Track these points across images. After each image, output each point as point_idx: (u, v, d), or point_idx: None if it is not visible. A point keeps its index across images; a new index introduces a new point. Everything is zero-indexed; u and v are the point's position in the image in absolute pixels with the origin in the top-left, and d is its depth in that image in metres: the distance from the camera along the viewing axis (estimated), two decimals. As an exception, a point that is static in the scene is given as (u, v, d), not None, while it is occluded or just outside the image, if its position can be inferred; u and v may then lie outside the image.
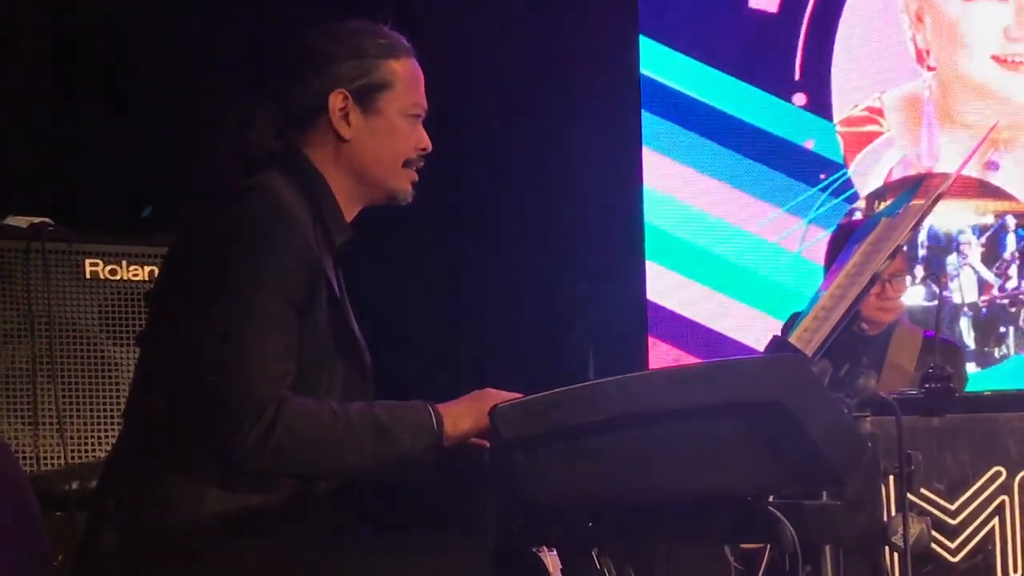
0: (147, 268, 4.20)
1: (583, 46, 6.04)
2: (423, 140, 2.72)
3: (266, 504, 2.49)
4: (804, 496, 2.51)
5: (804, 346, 2.57)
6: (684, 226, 6.13)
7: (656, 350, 6.06)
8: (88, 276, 4.14)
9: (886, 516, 2.85)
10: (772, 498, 2.48)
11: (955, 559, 3.29)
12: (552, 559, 2.95)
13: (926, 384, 3.26)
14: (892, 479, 2.95)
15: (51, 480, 3.88)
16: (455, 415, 2.54)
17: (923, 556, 3.03)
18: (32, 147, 5.23)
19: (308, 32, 2.70)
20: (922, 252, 6.16)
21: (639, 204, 6.10)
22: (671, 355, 6.05)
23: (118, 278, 4.17)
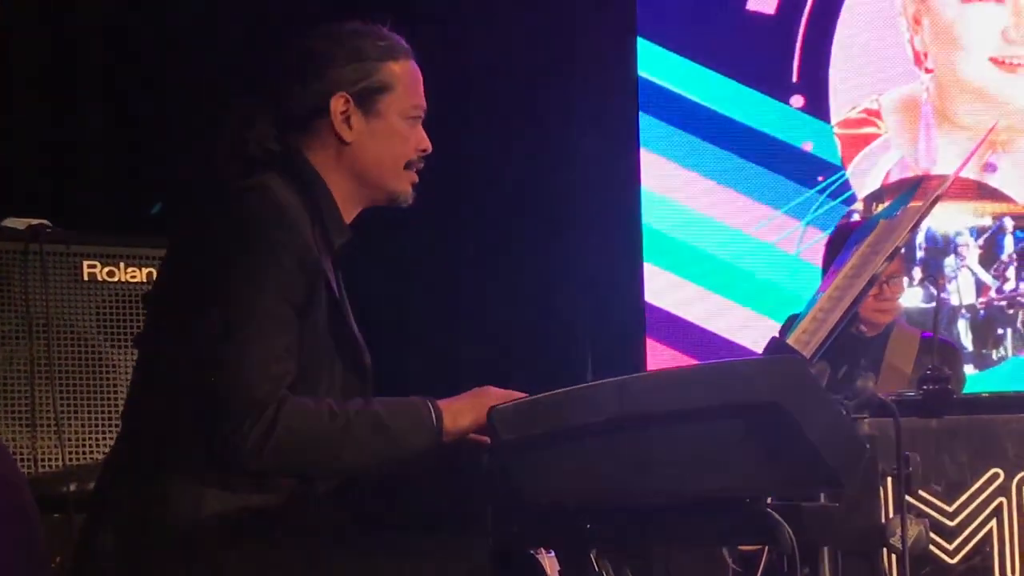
0: (145, 270, 4.20)
1: (581, 48, 6.04)
2: (423, 141, 2.72)
3: (266, 504, 2.49)
4: (802, 497, 2.51)
5: (802, 348, 2.57)
6: (682, 228, 6.13)
7: (654, 351, 6.06)
8: (86, 278, 4.14)
9: (884, 518, 2.85)
10: (770, 500, 2.48)
11: (953, 561, 3.29)
12: (550, 561, 2.95)
13: (924, 386, 3.25)
14: (890, 481, 2.95)
15: (49, 482, 3.88)
16: (455, 411, 2.54)
17: (921, 558, 3.03)
18: (30, 149, 5.22)
19: (307, 34, 2.70)
20: (920, 254, 6.16)
21: (637, 206, 6.10)
22: (669, 357, 6.04)
23: (116, 280, 4.17)
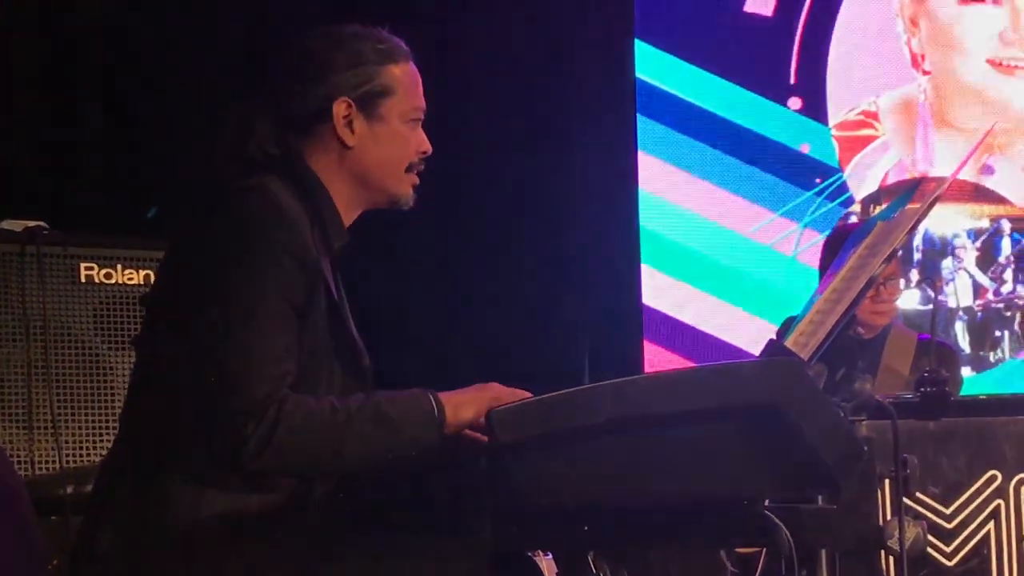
0: (142, 271, 4.20)
1: (578, 50, 6.04)
2: (424, 143, 2.72)
3: (265, 506, 2.49)
4: (800, 500, 2.51)
5: (800, 350, 2.57)
6: (680, 230, 6.13)
7: (651, 353, 6.06)
8: (83, 279, 4.14)
9: (882, 520, 2.85)
10: (768, 502, 2.48)
11: (951, 563, 3.29)
12: (548, 563, 2.95)
13: (922, 388, 3.25)
14: (888, 483, 2.95)
15: (46, 484, 3.87)
16: (456, 403, 2.54)
17: (919, 560, 3.03)
18: (27, 150, 5.22)
19: (307, 37, 2.69)
20: (917, 256, 6.16)
21: (634, 207, 6.10)
22: (666, 359, 6.04)
23: (113, 282, 4.17)
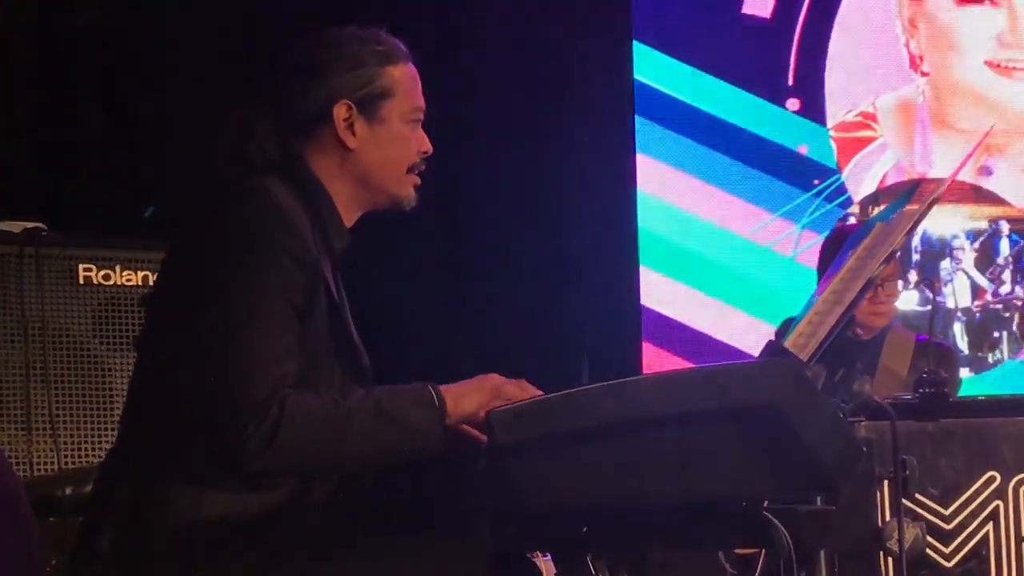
0: (140, 273, 4.20)
1: (577, 52, 6.03)
2: (424, 143, 2.72)
3: (264, 507, 2.48)
4: (799, 501, 2.51)
5: (799, 351, 2.57)
6: (678, 231, 6.13)
7: (650, 354, 6.06)
8: (81, 281, 4.13)
9: (881, 521, 2.86)
10: (767, 503, 2.48)
11: (949, 564, 3.29)
12: (546, 565, 2.94)
13: (920, 389, 3.25)
14: (887, 484, 2.95)
15: (45, 485, 3.87)
16: (457, 395, 2.54)
17: (918, 561, 3.03)
18: (26, 151, 5.22)
19: (305, 40, 2.69)
20: (916, 257, 6.16)
21: (633, 209, 6.10)
22: (665, 360, 6.04)
23: (111, 283, 4.17)
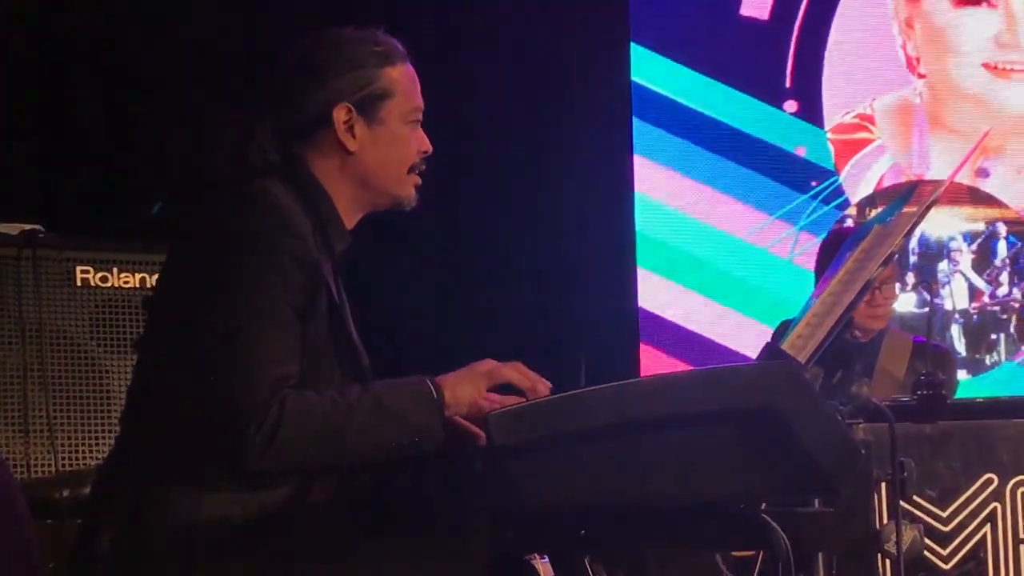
0: (138, 275, 4.19)
1: (574, 53, 6.03)
2: (424, 143, 2.73)
3: (264, 508, 2.49)
4: (797, 503, 2.51)
5: (797, 353, 2.57)
6: (675, 233, 6.13)
7: (648, 356, 6.06)
8: (79, 283, 4.13)
9: (879, 523, 2.85)
10: (765, 505, 2.48)
11: (947, 566, 3.29)
12: (544, 567, 2.94)
13: (918, 391, 3.25)
14: (885, 486, 2.95)
15: (42, 488, 3.87)
16: (453, 383, 2.56)
17: (916, 563, 3.03)
18: (23, 153, 5.22)
19: (303, 43, 2.69)
20: (913, 259, 6.17)
21: (630, 211, 6.10)
22: (663, 362, 6.04)
23: (109, 285, 4.16)
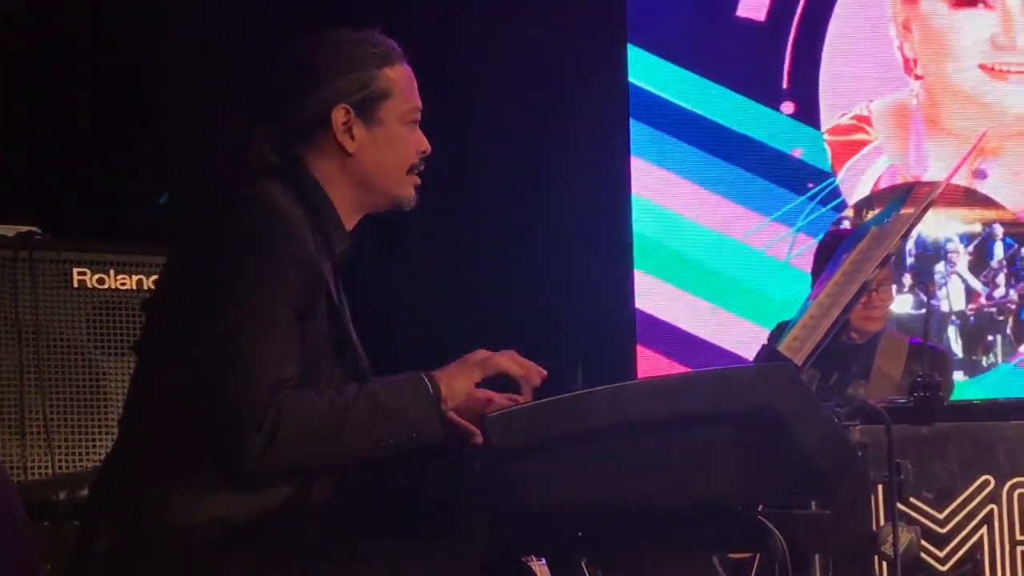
0: (135, 277, 4.19)
1: (571, 55, 6.04)
2: (423, 143, 2.73)
3: (263, 509, 2.49)
4: (794, 505, 2.51)
5: (794, 355, 2.57)
6: (672, 235, 6.13)
7: (645, 359, 6.06)
8: (75, 285, 4.13)
9: (875, 525, 2.85)
10: (762, 507, 2.48)
11: (944, 568, 3.29)
12: (541, 568, 2.94)
13: (915, 393, 3.25)
14: (881, 488, 2.95)
15: (39, 490, 3.87)
16: (448, 376, 2.57)
17: (912, 565, 3.02)
18: (19, 155, 5.21)
19: (301, 44, 2.69)
20: (910, 260, 6.17)
21: (627, 212, 6.10)
22: (660, 364, 6.04)
23: (105, 287, 4.16)
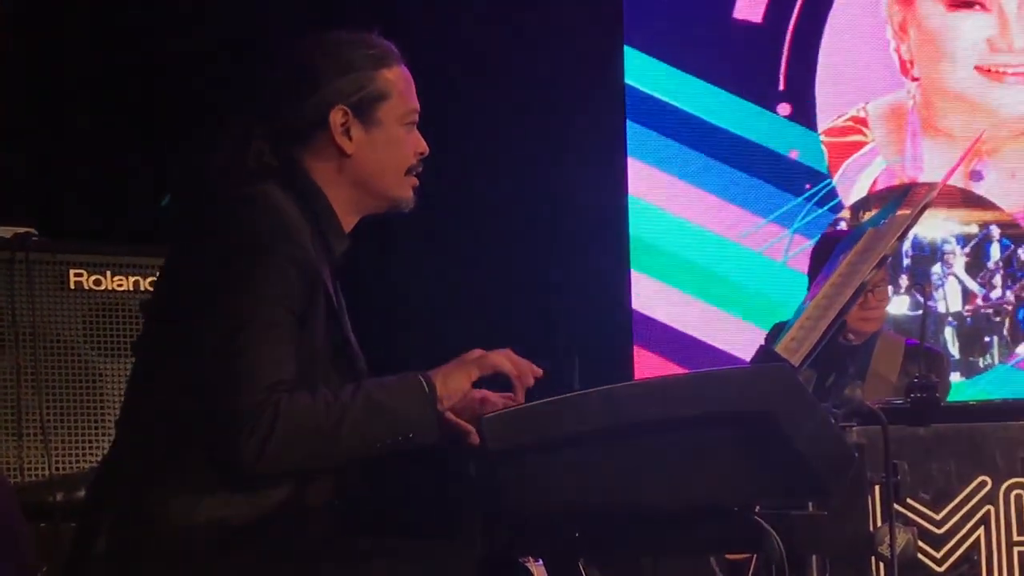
0: (132, 278, 4.19)
1: (568, 56, 6.04)
2: (421, 144, 2.73)
3: (260, 511, 2.50)
4: (791, 506, 2.52)
5: (790, 356, 2.57)
6: (669, 236, 6.13)
7: (642, 359, 6.06)
8: (72, 286, 4.13)
9: (872, 526, 2.86)
10: (759, 508, 2.48)
11: (941, 569, 3.29)
12: (538, 569, 2.94)
13: (911, 394, 3.25)
14: (878, 489, 2.95)
15: (36, 491, 3.87)
16: (444, 375, 2.57)
17: (909, 566, 3.03)
18: (16, 156, 5.21)
19: (298, 46, 2.69)
20: (907, 261, 6.17)
21: (624, 214, 6.10)
22: (657, 365, 6.04)
23: (102, 288, 4.16)
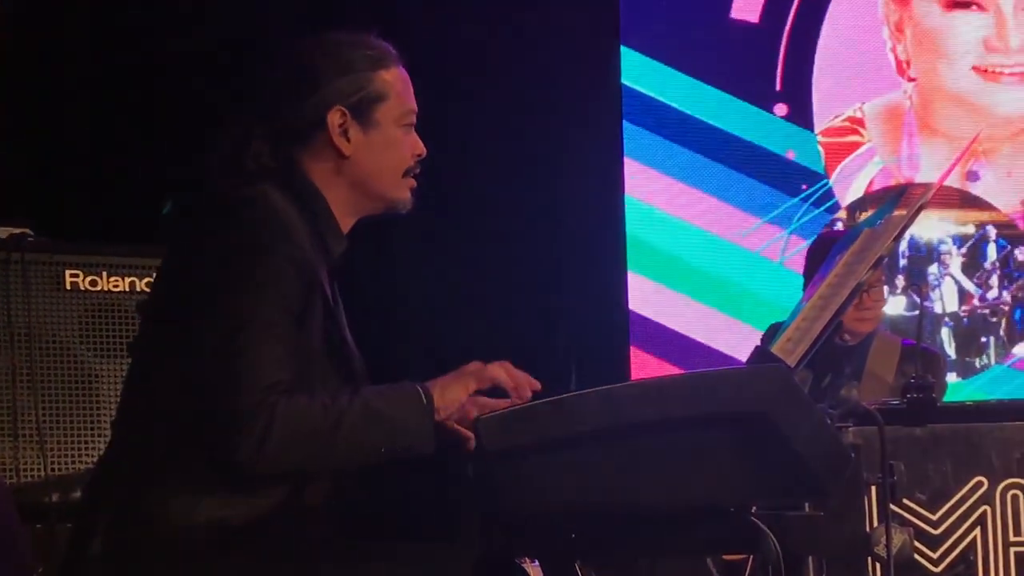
0: (128, 279, 4.19)
1: (565, 57, 6.04)
2: (418, 146, 2.73)
3: (258, 511, 2.50)
4: (787, 506, 2.52)
5: (787, 356, 2.57)
6: (666, 236, 6.12)
7: (638, 360, 6.06)
8: (68, 287, 4.13)
9: (869, 526, 2.86)
10: (755, 508, 2.48)
11: (937, 569, 3.29)
12: (535, 570, 2.94)
13: (908, 394, 3.26)
14: (875, 489, 2.96)
15: (32, 492, 3.87)
16: (441, 385, 2.58)
17: (906, 566, 3.03)
18: (12, 157, 5.21)
19: (297, 46, 2.69)
20: (903, 262, 6.17)
21: (621, 214, 6.10)
22: (653, 365, 6.04)
23: (98, 289, 4.16)
